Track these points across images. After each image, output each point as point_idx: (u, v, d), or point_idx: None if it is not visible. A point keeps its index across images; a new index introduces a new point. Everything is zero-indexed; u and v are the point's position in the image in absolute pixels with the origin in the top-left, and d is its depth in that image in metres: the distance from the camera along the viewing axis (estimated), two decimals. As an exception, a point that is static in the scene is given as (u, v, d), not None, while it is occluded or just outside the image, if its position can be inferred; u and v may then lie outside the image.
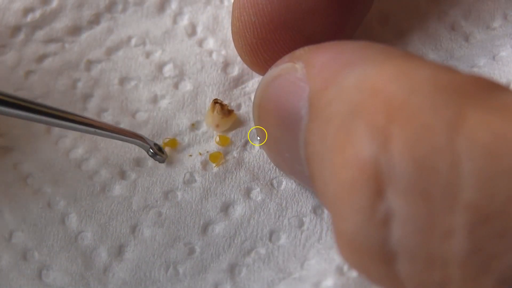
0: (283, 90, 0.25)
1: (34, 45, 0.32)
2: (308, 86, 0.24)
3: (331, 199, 0.22)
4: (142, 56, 0.33)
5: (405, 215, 0.20)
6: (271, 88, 0.26)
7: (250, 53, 0.30)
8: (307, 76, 0.24)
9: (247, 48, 0.30)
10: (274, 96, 0.26)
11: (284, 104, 0.25)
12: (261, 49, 0.29)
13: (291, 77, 0.25)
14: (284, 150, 0.26)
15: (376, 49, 0.23)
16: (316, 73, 0.24)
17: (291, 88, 0.25)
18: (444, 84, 0.20)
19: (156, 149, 0.30)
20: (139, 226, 0.29)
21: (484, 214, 0.19)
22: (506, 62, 0.31)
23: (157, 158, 0.30)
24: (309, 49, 0.25)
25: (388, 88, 0.21)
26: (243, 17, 0.29)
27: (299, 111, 0.24)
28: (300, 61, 0.25)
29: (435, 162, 0.19)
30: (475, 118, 0.19)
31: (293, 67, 0.25)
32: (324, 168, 0.22)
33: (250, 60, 0.30)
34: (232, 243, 0.29)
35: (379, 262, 0.21)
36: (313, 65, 0.24)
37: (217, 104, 0.31)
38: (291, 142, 0.25)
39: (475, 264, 0.19)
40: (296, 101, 0.24)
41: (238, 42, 0.30)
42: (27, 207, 0.29)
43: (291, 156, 0.26)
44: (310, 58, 0.24)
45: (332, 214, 0.22)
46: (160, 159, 0.30)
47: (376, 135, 0.20)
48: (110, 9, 0.33)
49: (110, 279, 0.28)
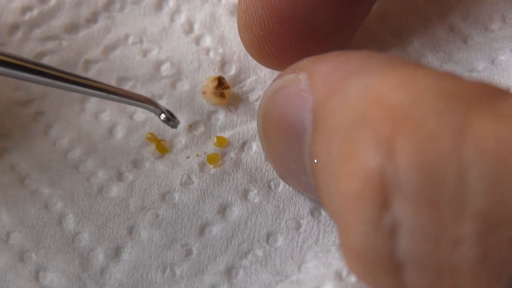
0: (287, 101, 0.25)
1: (31, 43, 0.32)
2: (312, 97, 0.24)
3: (337, 210, 0.22)
4: (139, 55, 0.33)
5: (412, 225, 0.20)
6: (274, 100, 0.26)
7: (257, 46, 0.30)
8: (310, 87, 0.24)
9: (254, 41, 0.29)
10: (278, 108, 0.26)
11: (288, 115, 0.25)
12: (268, 42, 0.29)
13: (295, 88, 0.25)
14: (290, 162, 0.26)
15: (379, 58, 0.23)
16: (320, 84, 0.23)
17: (295, 99, 0.25)
18: (449, 92, 0.20)
19: (169, 115, 0.29)
20: (136, 227, 0.29)
21: (493, 221, 0.19)
22: (505, 66, 0.31)
23: (170, 123, 0.29)
24: (312, 59, 0.25)
25: (392, 97, 0.20)
26: (249, 9, 0.29)
27: (303, 122, 0.24)
28: (303, 72, 0.25)
29: (441, 170, 0.19)
30: (480, 125, 0.19)
31: (297, 78, 0.25)
32: (329, 179, 0.22)
33: (257, 53, 0.30)
34: (229, 245, 0.29)
35: (386, 273, 0.21)
36: (317, 75, 0.24)
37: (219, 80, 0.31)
38: (296, 154, 0.25)
39: (485, 272, 0.19)
40: (300, 112, 0.24)
41: (245, 35, 0.30)
42: (24, 208, 0.29)
43: (296, 168, 0.26)
44: (313, 69, 0.24)
45: (339, 225, 0.22)
46: (173, 124, 0.30)
47: (381, 144, 0.20)
48: (108, 8, 0.33)
49: (107, 280, 0.28)
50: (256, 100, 0.32)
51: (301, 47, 0.29)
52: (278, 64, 0.30)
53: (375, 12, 0.33)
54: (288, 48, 0.29)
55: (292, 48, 0.29)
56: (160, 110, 0.29)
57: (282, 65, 0.30)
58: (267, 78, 0.32)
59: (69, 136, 0.31)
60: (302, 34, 0.29)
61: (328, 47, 0.29)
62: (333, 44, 0.30)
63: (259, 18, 0.29)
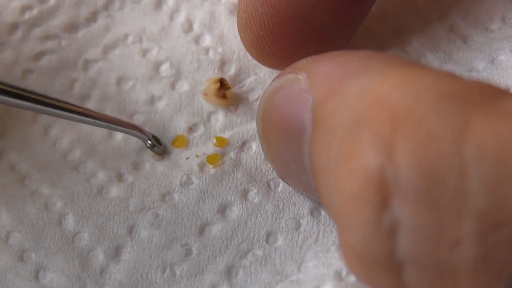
0: (287, 101, 0.25)
1: (31, 42, 0.32)
2: (312, 97, 0.24)
3: (337, 211, 0.22)
4: (138, 55, 0.32)
5: (412, 225, 0.20)
6: (274, 99, 0.26)
7: (257, 46, 0.29)
8: (310, 87, 0.24)
9: (253, 40, 0.29)
10: (278, 108, 0.26)
11: (288, 115, 0.25)
12: (268, 41, 0.29)
13: (294, 88, 0.25)
14: (290, 162, 0.26)
15: (379, 58, 0.23)
16: (319, 83, 0.23)
17: (295, 99, 0.25)
18: (449, 92, 0.20)
19: (154, 141, 0.30)
20: (136, 227, 0.29)
21: (493, 221, 0.18)
22: (505, 66, 0.31)
23: (155, 149, 0.30)
24: (311, 59, 0.25)
25: (392, 97, 0.20)
26: (249, 9, 0.29)
27: (303, 122, 0.24)
28: (303, 71, 0.24)
29: (442, 170, 0.19)
30: (481, 124, 0.19)
31: (296, 78, 0.25)
32: (329, 179, 0.22)
33: (257, 53, 0.30)
34: (229, 244, 0.29)
35: (386, 273, 0.21)
36: (316, 75, 0.24)
37: (220, 81, 0.31)
38: (296, 154, 0.25)
39: (485, 272, 0.19)
40: (299, 112, 0.24)
41: (244, 34, 0.30)
42: (24, 208, 0.29)
43: (296, 167, 0.26)
44: (313, 68, 0.24)
45: (338, 225, 0.22)
46: (158, 151, 0.30)
47: (380, 144, 0.20)
48: (107, 7, 0.33)
49: (106, 280, 0.28)
50: (256, 100, 0.32)
51: (301, 47, 0.29)
52: (278, 64, 0.30)
53: (375, 12, 0.33)
54: (288, 48, 0.29)
55: (292, 47, 0.29)
56: (146, 136, 0.30)
57: (282, 65, 0.30)
58: (266, 78, 0.32)
59: (69, 137, 0.31)
60: (302, 34, 0.29)
61: (328, 47, 0.29)
62: (333, 44, 0.30)
63: (259, 17, 0.29)
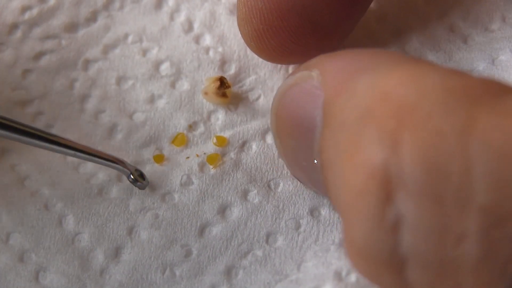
0: (299, 98, 0.25)
1: (31, 42, 0.32)
2: (323, 94, 0.24)
3: (343, 206, 0.22)
4: (138, 54, 0.32)
5: (415, 220, 0.20)
6: (287, 96, 0.26)
7: (257, 40, 0.29)
8: (322, 84, 0.24)
9: (253, 34, 0.29)
10: (290, 105, 0.26)
11: (300, 112, 0.25)
12: (267, 35, 0.29)
13: (307, 85, 0.25)
14: (301, 159, 0.26)
15: (387, 55, 0.23)
16: (331, 80, 0.24)
17: (307, 96, 0.25)
18: (455, 88, 0.20)
19: (137, 175, 0.29)
20: (136, 228, 0.29)
21: (498, 217, 0.19)
22: (506, 67, 0.31)
23: (137, 184, 0.29)
24: (324, 56, 0.25)
25: (399, 92, 0.21)
26: (249, 3, 0.29)
27: (314, 119, 0.24)
28: (316, 68, 0.25)
29: (447, 166, 0.19)
30: (486, 121, 0.19)
31: (309, 75, 0.25)
32: (336, 175, 0.22)
33: (256, 47, 0.30)
34: (229, 245, 0.29)
35: (389, 269, 0.21)
36: (328, 72, 0.24)
37: (221, 80, 0.31)
38: (307, 151, 0.25)
39: (489, 269, 0.19)
40: (311, 109, 0.24)
41: (244, 28, 0.30)
42: (24, 209, 0.29)
43: (307, 164, 0.26)
44: (325, 66, 0.24)
45: (344, 221, 0.22)
46: (140, 186, 0.29)
47: (386, 139, 0.20)
48: (108, 7, 0.33)
49: (106, 281, 0.28)
50: (256, 99, 0.32)
51: (300, 41, 0.29)
52: (277, 58, 0.30)
53: (374, 11, 0.33)
54: (287, 42, 0.29)
55: (291, 42, 0.29)
56: (128, 170, 0.29)
57: (281, 59, 0.31)
58: (267, 77, 0.32)
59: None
60: (301, 28, 0.29)
61: (327, 42, 0.30)
62: (332, 39, 0.30)
63: (258, 11, 0.29)
